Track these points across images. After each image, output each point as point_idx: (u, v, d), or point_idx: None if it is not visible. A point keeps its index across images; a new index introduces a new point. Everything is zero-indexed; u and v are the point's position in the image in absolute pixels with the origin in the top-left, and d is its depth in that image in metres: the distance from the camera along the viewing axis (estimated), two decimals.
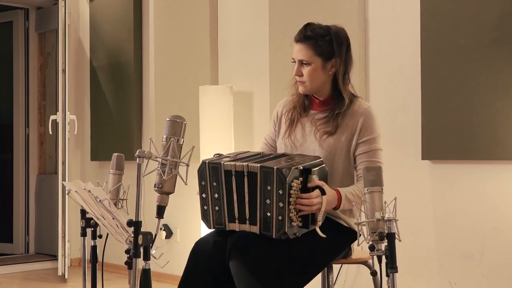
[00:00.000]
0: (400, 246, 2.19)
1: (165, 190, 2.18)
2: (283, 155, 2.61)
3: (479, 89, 3.54)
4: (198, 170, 2.53)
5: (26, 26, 6.56)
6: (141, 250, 2.16)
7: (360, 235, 2.67)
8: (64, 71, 5.45)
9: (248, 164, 2.44)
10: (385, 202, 2.11)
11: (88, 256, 2.85)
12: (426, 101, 3.74)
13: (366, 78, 4.05)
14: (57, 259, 5.54)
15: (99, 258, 2.82)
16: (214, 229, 2.57)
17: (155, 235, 2.17)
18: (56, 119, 5.52)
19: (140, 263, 2.19)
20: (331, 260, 2.61)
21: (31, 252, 6.45)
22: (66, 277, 5.35)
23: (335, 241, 2.56)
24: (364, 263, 2.82)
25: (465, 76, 3.59)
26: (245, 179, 2.44)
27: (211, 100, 4.56)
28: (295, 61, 2.69)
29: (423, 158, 3.76)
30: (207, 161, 2.52)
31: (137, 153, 2.13)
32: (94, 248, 2.85)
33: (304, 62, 2.65)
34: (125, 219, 2.26)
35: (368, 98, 4.03)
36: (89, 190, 2.43)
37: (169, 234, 5.18)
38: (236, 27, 4.84)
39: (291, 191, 2.35)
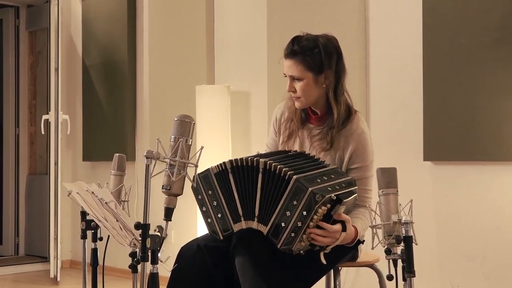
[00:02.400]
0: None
1: (173, 191, 2.12)
2: (316, 163, 2.47)
3: (481, 89, 3.51)
4: (191, 188, 2.46)
5: (16, 25, 6.47)
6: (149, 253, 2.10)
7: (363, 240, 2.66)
8: (56, 70, 5.37)
9: (267, 162, 2.35)
10: (400, 204, 2.06)
11: (88, 259, 2.78)
12: (428, 102, 3.70)
13: (367, 79, 4.01)
14: (48, 261, 5.46)
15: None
16: (223, 238, 2.48)
17: (163, 238, 2.11)
18: (48, 119, 5.44)
19: (142, 266, 2.13)
20: (335, 263, 2.55)
21: (21, 254, 6.36)
22: (58, 279, 5.27)
23: (341, 246, 2.50)
24: (371, 266, 2.77)
25: (468, 76, 3.56)
26: (260, 175, 2.35)
27: (208, 100, 4.49)
28: (287, 76, 2.62)
29: (424, 159, 3.73)
30: (197, 174, 2.45)
31: (145, 153, 2.06)
32: (94, 251, 2.79)
33: (295, 78, 2.57)
34: (130, 221, 2.21)
35: (368, 99, 3.99)
36: (93, 192, 2.36)
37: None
38: (234, 25, 4.78)
39: (315, 217, 2.26)
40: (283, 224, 2.29)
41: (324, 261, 2.33)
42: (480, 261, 3.55)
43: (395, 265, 2.02)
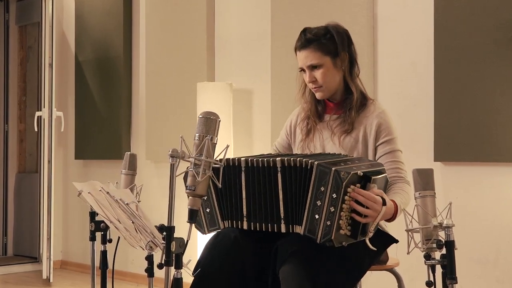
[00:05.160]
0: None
1: (198, 192, 2.01)
2: (336, 155, 2.43)
3: (494, 88, 3.45)
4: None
5: (6, 19, 6.35)
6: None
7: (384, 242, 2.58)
8: (51, 65, 5.24)
9: (285, 159, 2.28)
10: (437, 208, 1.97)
11: (97, 262, 2.69)
12: (439, 101, 3.63)
13: (375, 77, 3.93)
14: (38, 261, 5.32)
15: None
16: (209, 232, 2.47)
17: (187, 241, 2.00)
18: (41, 116, 5.30)
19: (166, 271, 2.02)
20: (371, 263, 2.48)
21: (9, 254, 6.22)
22: (51, 280, 5.13)
23: (375, 245, 2.41)
24: (390, 270, 2.69)
25: (480, 74, 3.49)
26: (279, 174, 2.27)
27: (210, 97, 4.38)
28: (303, 70, 2.63)
29: (435, 160, 3.65)
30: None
31: (170, 152, 1.95)
32: (104, 253, 2.69)
33: (314, 66, 2.59)
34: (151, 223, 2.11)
35: (376, 98, 3.90)
36: (108, 192, 2.25)
37: None
38: (235, 20, 4.66)
39: (346, 197, 2.15)
40: (317, 216, 2.19)
41: (372, 247, 2.24)
42: (493, 265, 3.48)
43: (433, 271, 1.93)
